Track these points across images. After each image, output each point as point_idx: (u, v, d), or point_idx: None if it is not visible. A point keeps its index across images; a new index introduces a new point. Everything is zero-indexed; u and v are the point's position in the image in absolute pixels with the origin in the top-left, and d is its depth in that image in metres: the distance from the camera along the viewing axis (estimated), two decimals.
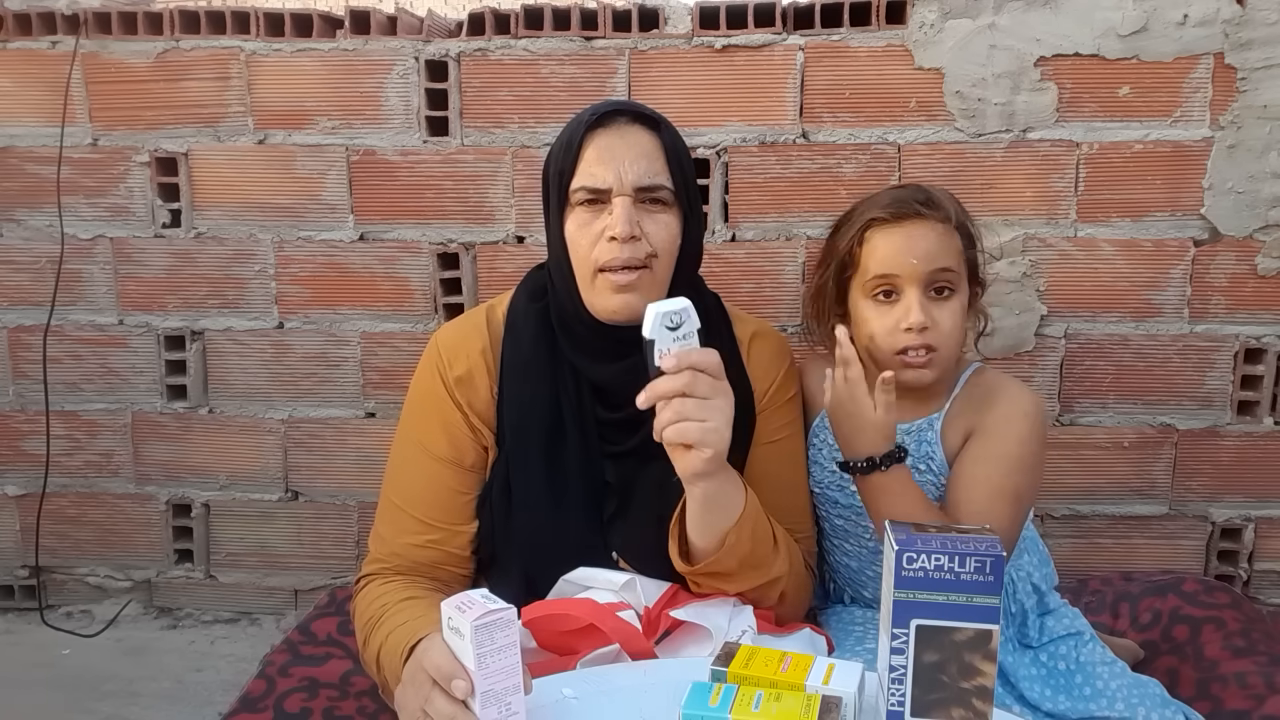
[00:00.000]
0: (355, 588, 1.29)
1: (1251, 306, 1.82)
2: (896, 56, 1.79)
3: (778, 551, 1.22)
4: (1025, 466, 1.28)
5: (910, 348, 1.28)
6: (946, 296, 1.29)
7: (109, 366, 2.08)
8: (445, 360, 1.29)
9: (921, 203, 1.31)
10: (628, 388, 1.07)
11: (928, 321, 1.27)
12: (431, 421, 1.29)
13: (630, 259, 1.18)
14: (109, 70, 1.96)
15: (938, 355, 1.29)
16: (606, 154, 1.19)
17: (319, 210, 1.97)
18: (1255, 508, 1.89)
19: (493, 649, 0.89)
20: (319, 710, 1.41)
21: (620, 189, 1.19)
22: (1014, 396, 1.34)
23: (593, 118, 1.21)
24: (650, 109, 1.26)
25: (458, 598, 0.92)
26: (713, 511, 1.13)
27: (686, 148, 1.28)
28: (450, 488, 1.28)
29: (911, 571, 0.87)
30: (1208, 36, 1.73)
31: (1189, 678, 1.49)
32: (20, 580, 2.17)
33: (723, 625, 1.16)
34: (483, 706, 0.90)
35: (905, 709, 0.90)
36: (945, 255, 1.29)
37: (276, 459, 2.07)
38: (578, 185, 1.20)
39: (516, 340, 1.29)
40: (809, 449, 1.43)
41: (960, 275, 1.31)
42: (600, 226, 1.19)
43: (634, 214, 1.18)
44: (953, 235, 1.31)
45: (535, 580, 1.25)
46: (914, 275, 1.28)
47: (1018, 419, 1.31)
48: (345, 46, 1.90)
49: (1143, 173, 1.79)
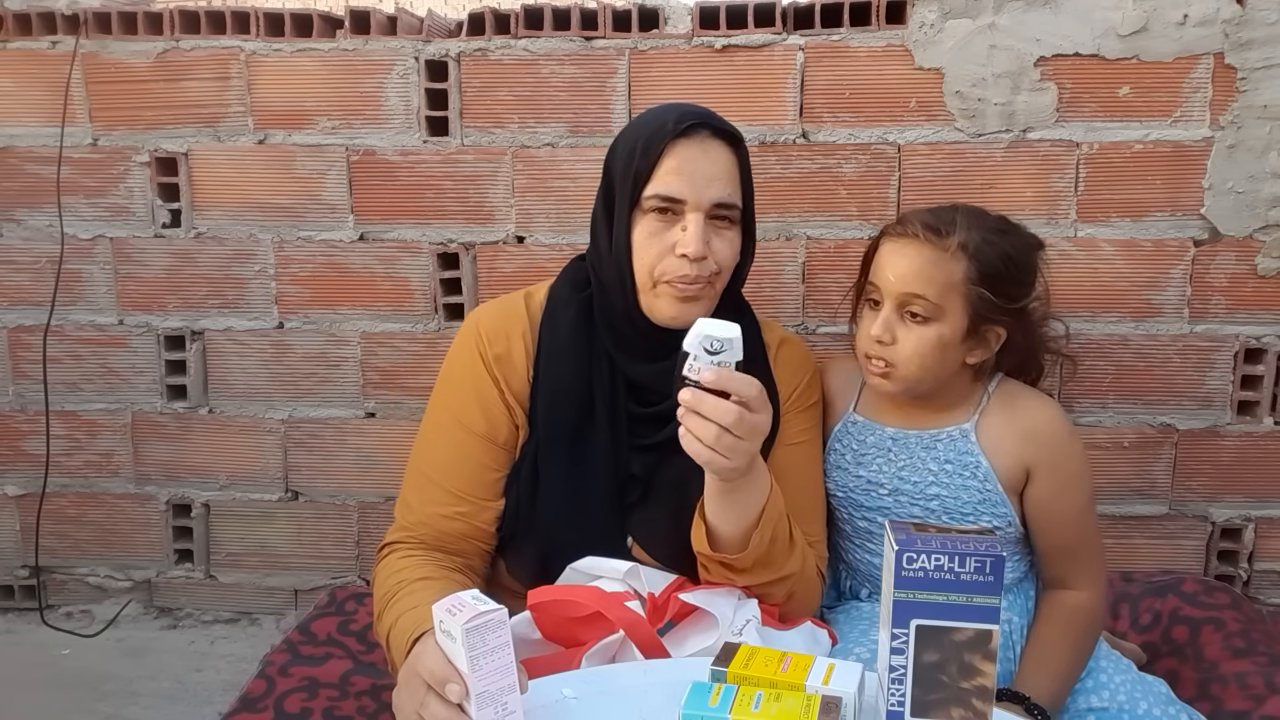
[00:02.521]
0: (378, 554, 1.30)
1: (1251, 306, 1.82)
2: (896, 56, 1.79)
3: (793, 550, 1.23)
4: (1085, 481, 1.37)
5: (871, 356, 1.33)
6: (920, 321, 1.29)
7: (109, 366, 2.08)
8: (485, 338, 1.31)
9: (928, 225, 1.30)
10: (664, 385, 1.09)
11: (886, 337, 1.30)
12: (468, 395, 1.30)
13: (697, 277, 1.21)
14: (109, 70, 1.96)
15: (895, 372, 1.31)
16: (688, 166, 1.20)
17: (319, 210, 1.97)
18: (1255, 508, 1.89)
19: (485, 650, 0.89)
20: (319, 710, 1.41)
21: (696, 205, 1.20)
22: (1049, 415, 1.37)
23: (677, 127, 1.21)
24: (731, 125, 1.26)
25: (448, 600, 0.92)
26: (734, 505, 1.14)
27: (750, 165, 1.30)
28: (482, 462, 1.28)
29: (911, 571, 0.87)
30: (1208, 36, 1.73)
31: (1189, 678, 1.49)
32: (20, 580, 2.17)
33: (728, 615, 1.17)
34: (479, 708, 0.90)
35: (905, 709, 0.90)
36: (923, 283, 1.28)
37: (276, 459, 2.07)
38: (653, 192, 1.21)
39: (555, 327, 1.30)
40: (832, 453, 1.44)
41: (944, 307, 1.28)
42: (671, 240, 1.21)
43: (706, 232, 1.20)
44: (948, 265, 1.28)
45: (550, 564, 1.26)
46: (889, 291, 1.30)
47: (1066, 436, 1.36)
48: (345, 46, 1.90)
49: (1143, 173, 1.79)
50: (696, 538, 1.19)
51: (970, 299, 1.29)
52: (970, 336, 1.32)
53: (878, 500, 1.39)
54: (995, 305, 1.30)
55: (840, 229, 1.86)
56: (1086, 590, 1.35)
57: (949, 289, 1.28)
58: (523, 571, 1.30)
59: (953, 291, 1.29)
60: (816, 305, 1.87)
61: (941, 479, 1.36)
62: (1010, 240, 1.34)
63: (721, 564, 1.19)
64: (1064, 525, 1.36)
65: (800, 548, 1.25)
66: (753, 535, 1.15)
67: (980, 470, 1.35)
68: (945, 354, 1.31)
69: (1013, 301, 1.32)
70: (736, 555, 1.16)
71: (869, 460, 1.40)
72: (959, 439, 1.37)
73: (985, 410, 1.38)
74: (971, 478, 1.35)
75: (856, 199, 1.85)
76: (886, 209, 1.84)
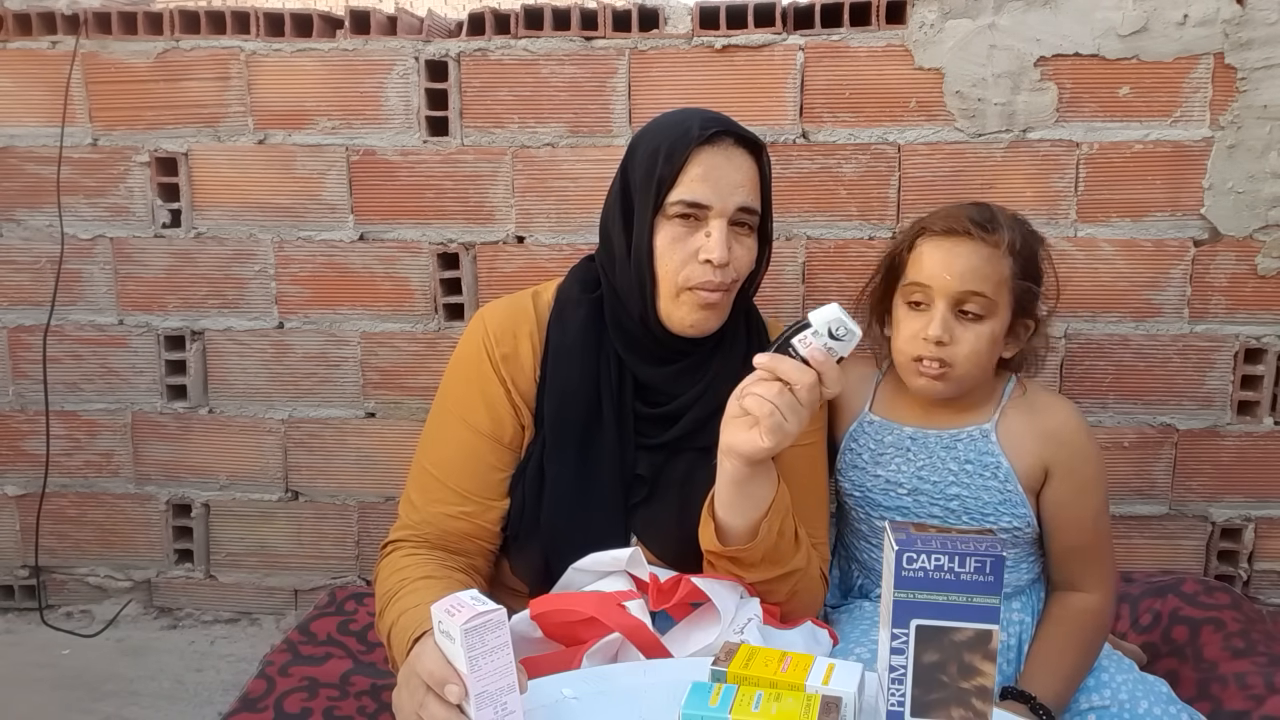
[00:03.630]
0: (381, 552, 1.30)
1: (1251, 306, 1.82)
2: (896, 56, 1.79)
3: (798, 547, 1.24)
4: (1101, 482, 1.37)
5: (925, 357, 1.31)
6: (973, 319, 1.30)
7: (109, 366, 2.08)
8: (493, 336, 1.30)
9: (977, 222, 1.31)
10: (672, 387, 1.10)
11: (945, 337, 1.29)
12: (474, 394, 1.30)
13: (721, 283, 1.22)
14: (109, 70, 1.96)
15: (951, 372, 1.31)
16: (713, 173, 1.21)
17: (319, 210, 1.97)
18: (1255, 508, 1.89)
19: (484, 651, 0.89)
20: (319, 710, 1.41)
21: (720, 211, 1.21)
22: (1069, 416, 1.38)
23: (702, 134, 1.21)
24: (752, 132, 1.27)
25: (447, 601, 0.92)
26: (745, 497, 1.15)
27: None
28: (487, 462, 1.28)
29: (911, 571, 0.87)
30: (1208, 36, 1.73)
31: (1189, 678, 1.49)
32: (20, 580, 2.17)
33: (730, 609, 1.17)
34: (478, 708, 0.89)
35: (905, 709, 0.90)
36: (980, 280, 1.29)
37: (276, 459, 2.07)
38: (677, 198, 1.21)
39: (563, 327, 1.30)
40: (848, 452, 1.43)
41: (997, 303, 1.30)
42: (694, 246, 1.22)
43: (729, 239, 1.21)
44: (999, 262, 1.30)
45: (554, 564, 1.26)
46: (945, 290, 1.29)
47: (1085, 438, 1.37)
48: (345, 46, 1.90)
49: (1143, 173, 1.79)
50: (705, 536, 1.20)
51: (1016, 294, 1.32)
52: (1011, 331, 1.35)
53: (896, 500, 1.39)
54: (1035, 296, 1.35)
55: (840, 229, 1.86)
56: (1096, 593, 1.36)
57: (1001, 285, 1.31)
58: (526, 571, 1.29)
59: (1003, 287, 1.31)
60: (817, 305, 1.85)
61: (962, 479, 1.36)
62: (1035, 238, 1.38)
63: (730, 559, 1.19)
64: (1079, 527, 1.36)
65: (805, 546, 1.26)
66: (761, 525, 1.16)
67: (1001, 470, 1.35)
68: (994, 350, 1.34)
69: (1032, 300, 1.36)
70: (746, 547, 1.17)
71: (887, 460, 1.40)
72: (979, 439, 1.37)
73: (1005, 410, 1.38)
74: (993, 478, 1.35)
75: (856, 199, 1.85)
76: (886, 209, 1.84)
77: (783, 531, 1.20)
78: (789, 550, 1.22)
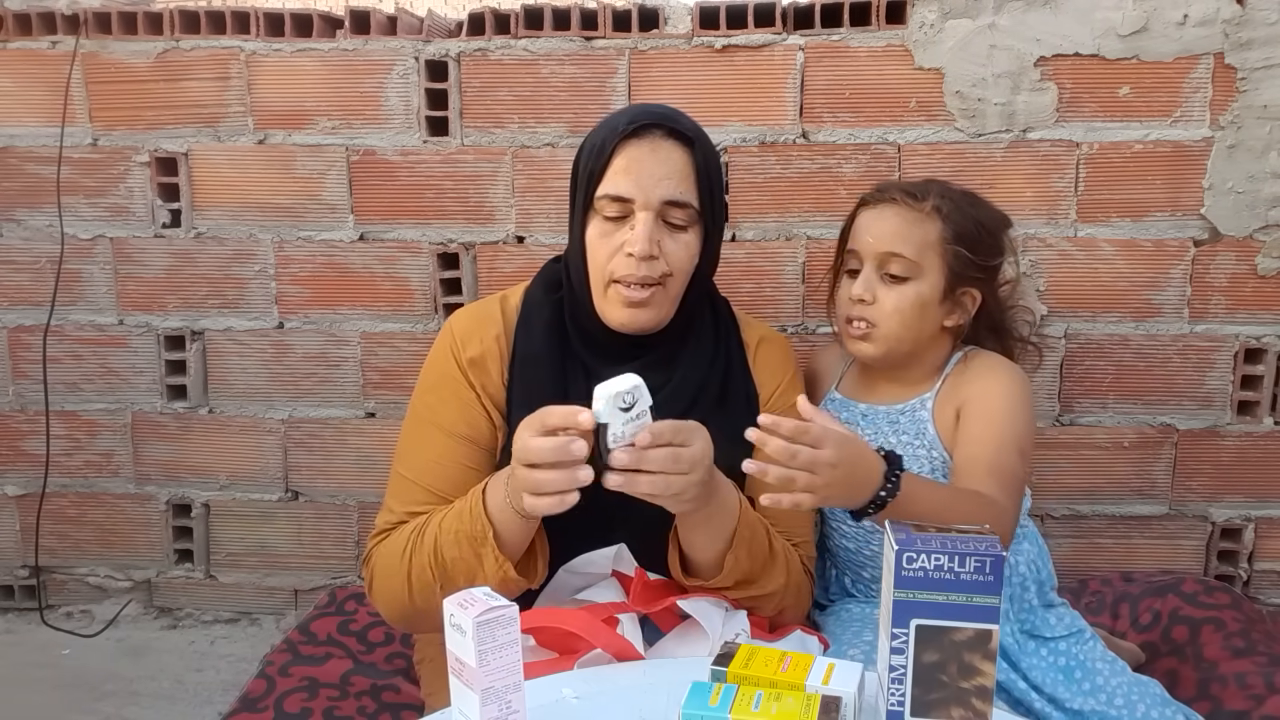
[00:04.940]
0: (367, 555, 1.28)
1: (1251, 306, 1.82)
2: (896, 56, 1.79)
3: (774, 563, 1.22)
4: (1015, 417, 1.31)
5: (853, 318, 1.37)
6: (896, 280, 1.34)
7: (109, 366, 2.08)
8: (459, 342, 1.30)
9: (905, 190, 1.37)
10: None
11: (868, 296, 1.35)
12: (446, 399, 1.29)
13: (646, 277, 1.20)
14: (109, 70, 1.96)
15: (876, 331, 1.35)
16: (635, 166, 1.20)
17: (319, 210, 1.97)
18: (1255, 508, 1.89)
19: (494, 646, 0.89)
20: (319, 710, 1.41)
21: (644, 204, 1.20)
22: (992, 363, 1.39)
23: (628, 127, 1.21)
24: (688, 124, 1.25)
25: (460, 595, 0.92)
26: (704, 534, 1.15)
27: (719, 164, 1.29)
28: (462, 463, 1.28)
29: (911, 571, 0.87)
30: (1208, 36, 1.73)
31: (1189, 678, 1.49)
32: (20, 580, 2.17)
33: (717, 627, 1.17)
34: (484, 704, 0.90)
35: (905, 709, 0.90)
36: (900, 241, 1.33)
37: (276, 459, 2.07)
38: (603, 192, 1.21)
39: (529, 331, 1.30)
40: None
41: (921, 265, 1.33)
42: (620, 239, 1.21)
43: (655, 232, 1.20)
44: (924, 224, 1.34)
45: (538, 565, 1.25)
46: (869, 252, 1.36)
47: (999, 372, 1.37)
48: (345, 46, 1.90)
49: (1143, 173, 1.79)
50: (673, 565, 1.19)
51: (947, 259, 1.35)
52: (948, 298, 1.37)
53: None
54: (971, 263, 1.35)
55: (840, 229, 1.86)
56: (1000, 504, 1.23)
57: (926, 247, 1.34)
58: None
59: (929, 250, 1.34)
60: (817, 305, 1.87)
61: (903, 452, 1.35)
62: (982, 210, 1.40)
63: (702, 588, 1.19)
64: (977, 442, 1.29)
65: (782, 560, 1.24)
66: (726, 558, 1.16)
67: (927, 438, 1.36)
68: (925, 313, 1.35)
69: (987, 261, 1.38)
70: (712, 581, 1.18)
71: None
72: (919, 409, 1.39)
73: (945, 380, 1.40)
74: (921, 446, 1.37)
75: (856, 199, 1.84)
76: None
77: (754, 555, 1.18)
78: (763, 572, 1.21)
